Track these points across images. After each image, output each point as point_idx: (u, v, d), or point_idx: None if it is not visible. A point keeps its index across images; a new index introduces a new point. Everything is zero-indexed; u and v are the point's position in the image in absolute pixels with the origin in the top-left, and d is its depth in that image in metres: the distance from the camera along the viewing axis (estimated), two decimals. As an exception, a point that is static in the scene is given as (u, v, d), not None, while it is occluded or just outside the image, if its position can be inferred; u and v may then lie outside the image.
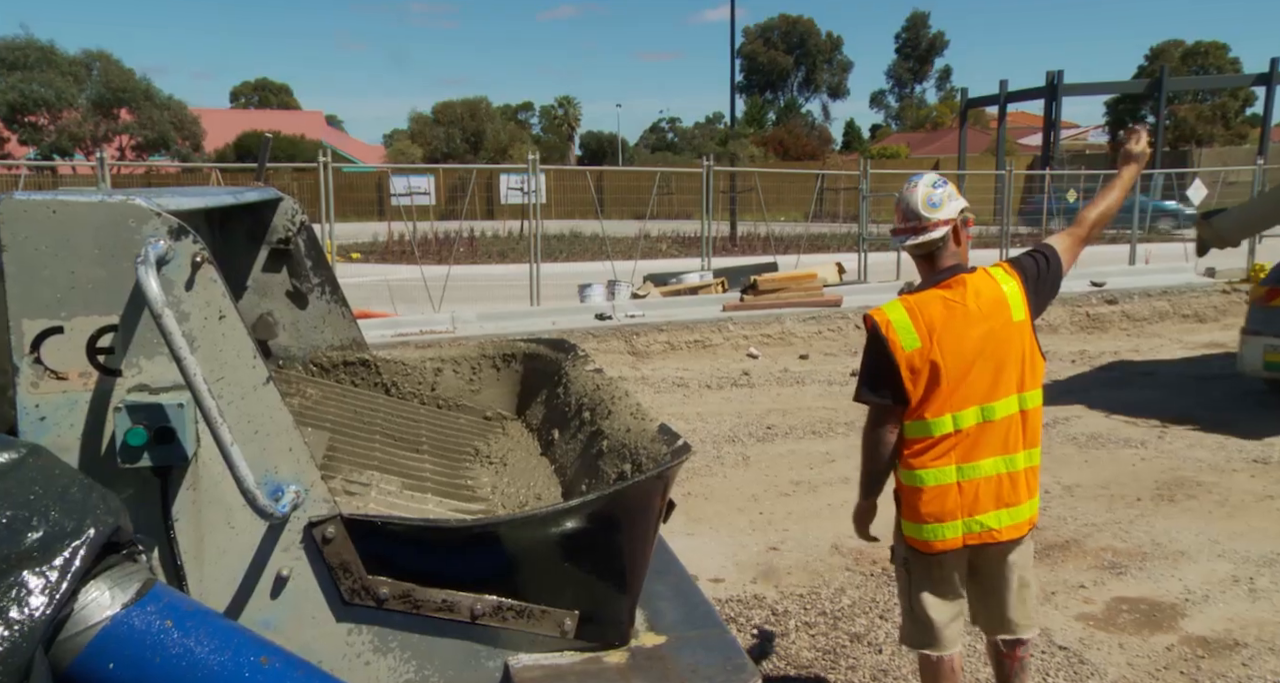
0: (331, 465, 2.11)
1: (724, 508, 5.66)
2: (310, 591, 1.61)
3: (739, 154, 37.65)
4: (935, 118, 66.55)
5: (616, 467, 1.96)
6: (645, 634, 1.76)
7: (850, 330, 11.03)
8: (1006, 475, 2.68)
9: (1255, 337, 7.62)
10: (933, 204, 2.70)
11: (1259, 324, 7.65)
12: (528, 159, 12.97)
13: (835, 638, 3.95)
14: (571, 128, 58.98)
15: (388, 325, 10.14)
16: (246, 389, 1.58)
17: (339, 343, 2.92)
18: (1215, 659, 3.74)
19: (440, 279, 12.11)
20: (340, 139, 50.85)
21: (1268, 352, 7.52)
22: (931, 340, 2.65)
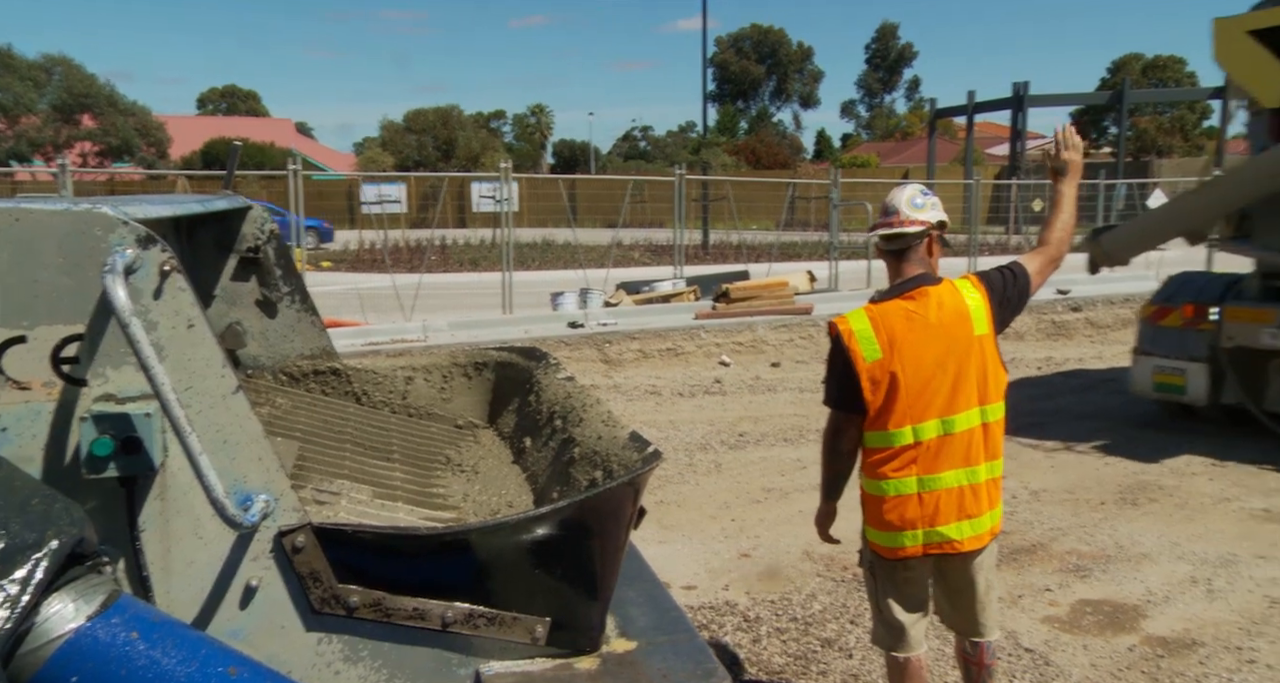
0: (302, 475, 2.10)
1: (696, 515, 5.68)
2: (280, 600, 1.60)
3: (711, 163, 37.85)
4: (905, 127, 67.38)
5: (588, 474, 1.97)
6: (616, 640, 1.77)
7: (821, 338, 11.12)
8: (968, 487, 2.70)
9: (1145, 357, 7.24)
10: (915, 204, 2.76)
11: (1149, 344, 7.27)
12: (500, 167, 12.95)
13: (806, 643, 3.98)
14: (544, 136, 59.03)
15: (358, 334, 10.07)
16: (215, 398, 1.57)
17: (309, 352, 2.91)
18: (1174, 659, 3.82)
19: (411, 287, 12.05)
20: (310, 146, 50.44)
21: (1157, 373, 7.14)
22: (892, 352, 2.68)
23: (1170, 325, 7.08)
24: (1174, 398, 7.17)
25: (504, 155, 27.87)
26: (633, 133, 70.35)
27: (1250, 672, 3.70)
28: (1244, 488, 5.90)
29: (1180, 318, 7.03)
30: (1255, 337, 6.48)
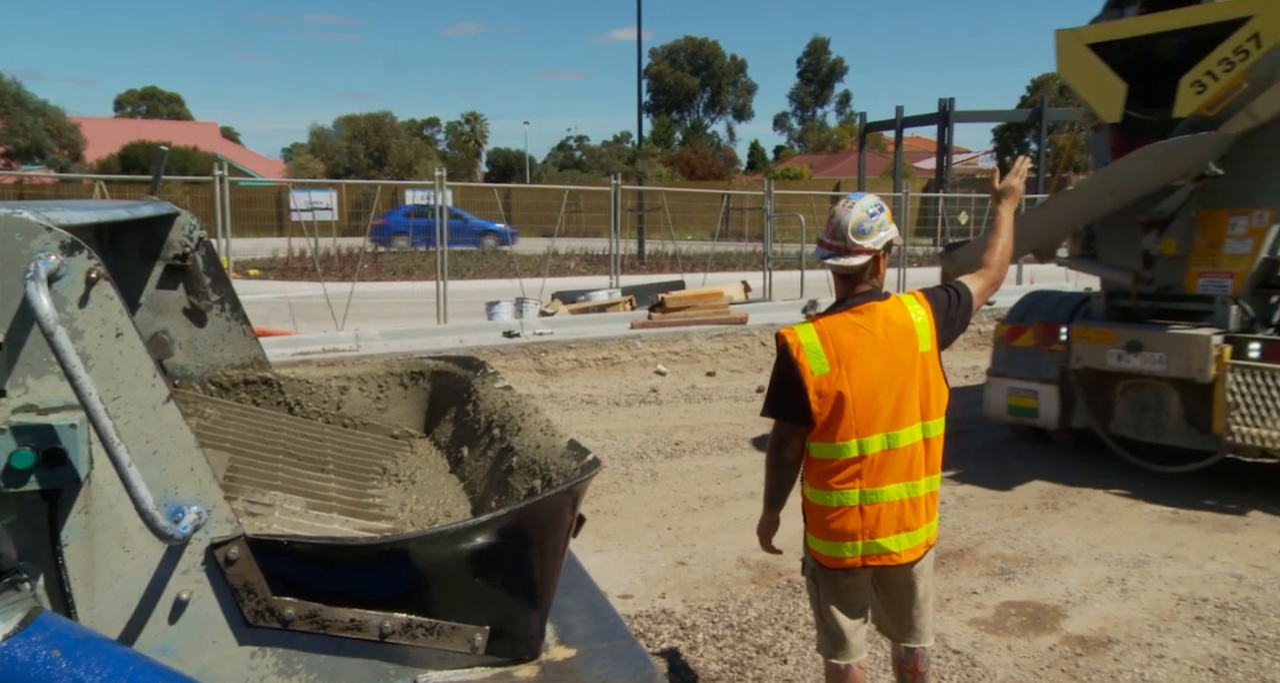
0: (232, 487, 2.06)
1: (632, 524, 5.70)
2: (211, 614, 1.57)
3: (646, 173, 38.08)
4: (836, 141, 68.83)
5: (526, 483, 1.98)
6: (555, 648, 1.78)
7: (756, 347, 11.27)
8: (909, 501, 2.75)
9: (999, 379, 6.94)
10: (862, 231, 2.72)
11: (1002, 365, 7.00)
12: (434, 175, 12.83)
13: (742, 650, 4.02)
14: (478, 144, 58.59)
15: (289, 344, 9.85)
16: (145, 408, 1.54)
17: (239, 361, 2.85)
18: (1091, 657, 3.98)
19: (343, 296, 11.83)
20: (236, 152, 49.14)
21: (1011, 395, 6.86)
22: (840, 366, 2.70)
23: (1022, 346, 6.87)
24: (1027, 421, 6.94)
25: (438, 163, 27.58)
26: (568, 142, 70.38)
27: (1159, 667, 3.87)
28: (1155, 491, 6.18)
29: (1032, 338, 6.84)
30: (1101, 358, 6.25)
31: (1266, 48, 5.42)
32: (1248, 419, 5.58)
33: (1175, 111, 5.83)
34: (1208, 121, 5.79)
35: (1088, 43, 6.25)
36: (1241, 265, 5.98)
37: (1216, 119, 5.77)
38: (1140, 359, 6.03)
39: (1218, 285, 6.07)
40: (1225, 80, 5.61)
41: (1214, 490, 6.10)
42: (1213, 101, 5.71)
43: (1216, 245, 6.13)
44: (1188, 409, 6.07)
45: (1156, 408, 6.26)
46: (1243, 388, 5.59)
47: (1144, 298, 6.31)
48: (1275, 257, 5.94)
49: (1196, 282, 6.18)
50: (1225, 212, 6.10)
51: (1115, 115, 6.18)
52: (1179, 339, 5.87)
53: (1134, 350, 6.04)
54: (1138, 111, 6.08)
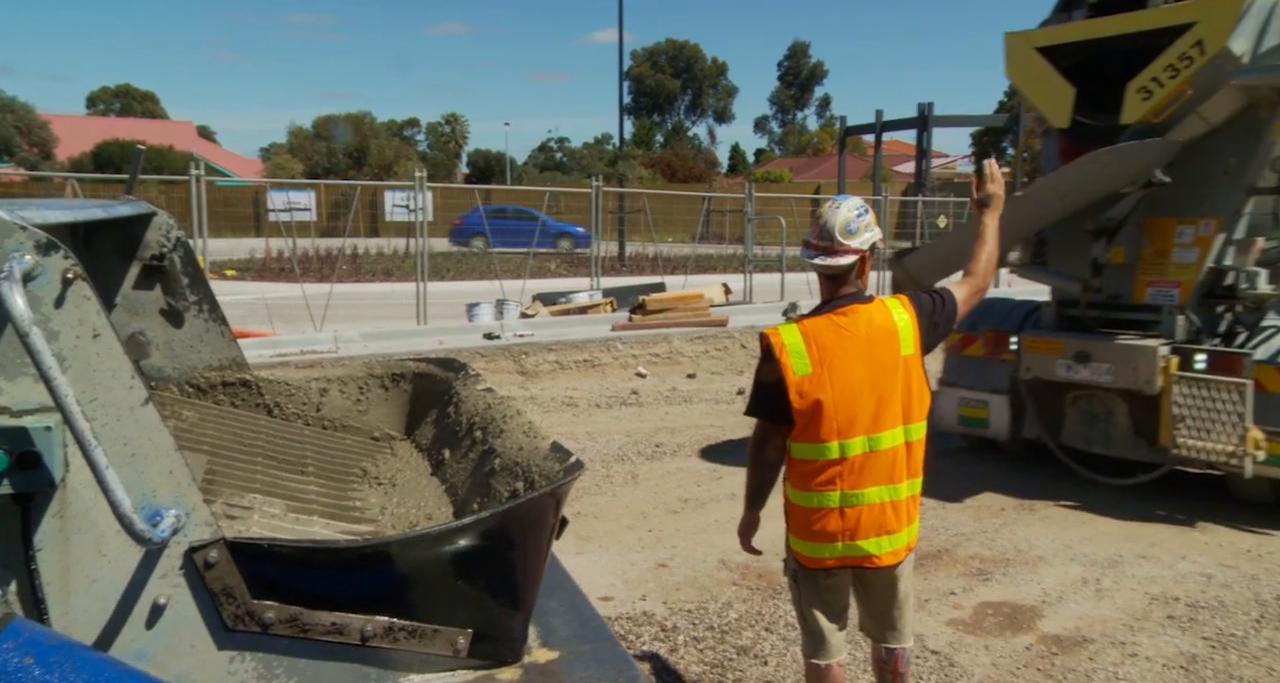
0: (211, 489, 2.04)
1: (613, 526, 5.70)
2: (190, 618, 1.55)
3: (627, 175, 38.08)
4: (816, 144, 69.16)
5: (509, 485, 1.97)
6: (538, 651, 1.77)
7: (736, 350, 11.31)
8: (890, 504, 2.76)
9: (950, 388, 6.72)
10: (849, 231, 2.74)
11: (953, 375, 6.82)
12: (414, 176, 12.77)
13: (723, 652, 4.03)
14: (459, 145, 58.37)
15: (266, 345, 9.77)
16: (123, 410, 1.52)
17: (217, 363, 2.82)
18: (1067, 656, 4.02)
19: (322, 298, 11.75)
20: (213, 151, 48.68)
21: (962, 405, 6.63)
22: (822, 367, 2.71)
23: (973, 355, 6.69)
24: (978, 431, 6.74)
25: (418, 164, 27.45)
26: (549, 144, 70.31)
27: (1132, 665, 3.92)
28: (1129, 491, 6.24)
29: (982, 347, 6.66)
30: (1050, 368, 6.12)
31: (1210, 55, 5.37)
32: (1193, 432, 5.48)
33: (1122, 118, 5.76)
34: (1154, 128, 5.72)
35: (1036, 46, 6.15)
36: (1188, 275, 5.89)
37: (1163, 126, 5.72)
38: (1089, 370, 5.93)
39: (1165, 295, 5.97)
40: (1171, 87, 5.55)
41: (1167, 501, 6.13)
42: (1159, 108, 5.65)
43: (1164, 254, 6.03)
44: (1136, 421, 5.98)
45: (1105, 419, 6.15)
46: (1189, 400, 5.49)
47: (1093, 307, 6.20)
48: (1221, 266, 5.86)
49: (1145, 291, 6.08)
50: (1172, 220, 6.01)
51: (1064, 120, 6.07)
52: (1126, 350, 5.78)
53: (1082, 361, 5.95)
54: (1086, 117, 5.99)
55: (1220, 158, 5.85)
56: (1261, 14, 5.43)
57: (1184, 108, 5.62)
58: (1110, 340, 5.90)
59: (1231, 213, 5.82)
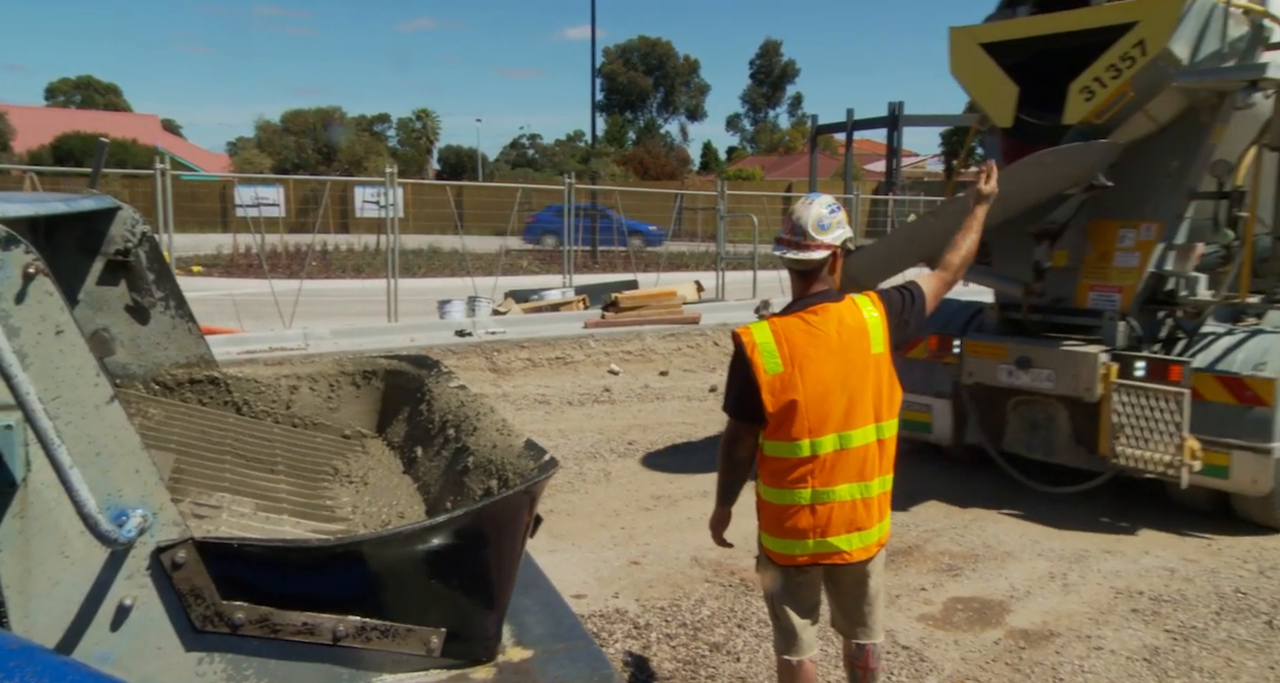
0: (178, 488, 2.01)
1: (586, 524, 5.69)
2: (156, 619, 1.52)
3: (600, 172, 38.03)
4: (788, 142, 69.43)
5: (483, 483, 1.96)
6: (512, 649, 1.77)
7: (709, 347, 11.33)
8: (861, 501, 2.78)
9: None
10: (822, 226, 2.76)
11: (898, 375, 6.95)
12: (385, 172, 12.66)
13: (695, 648, 4.04)
14: (430, 141, 57.93)
15: (234, 342, 9.64)
16: (87, 408, 1.49)
17: (184, 360, 2.77)
18: (1034, 650, 4.08)
19: (291, 294, 11.61)
20: (178, 145, 47.86)
21: (905, 410, 6.41)
22: (793, 366, 2.73)
23: (917, 358, 6.43)
24: (920, 436, 6.55)
25: (388, 160, 27.21)
26: (521, 140, 69.97)
27: (1098, 658, 3.99)
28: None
29: (926, 350, 6.44)
30: (992, 373, 5.94)
31: (1151, 56, 5.25)
32: (1132, 441, 5.34)
33: (1065, 118, 5.63)
34: (1097, 129, 5.59)
35: (980, 42, 5.98)
36: (1130, 280, 5.74)
37: (1105, 127, 5.59)
38: (1030, 376, 5.78)
39: (1107, 300, 5.80)
40: (1113, 87, 5.42)
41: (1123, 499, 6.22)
42: (1101, 108, 5.52)
43: (1106, 258, 5.88)
44: (1077, 428, 5.84)
45: (1047, 426, 6.00)
46: (1128, 408, 5.34)
47: (1035, 311, 6.05)
48: (1162, 271, 5.70)
49: (1087, 295, 5.91)
50: (1114, 223, 5.87)
51: (1007, 120, 5.91)
52: (1067, 356, 5.63)
53: (1024, 367, 5.80)
54: (1030, 116, 5.84)
55: (1162, 161, 5.74)
56: (1202, 15, 5.34)
57: (1126, 109, 5.53)
58: (1051, 346, 5.75)
59: (1172, 217, 5.69)
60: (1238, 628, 4.27)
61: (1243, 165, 5.57)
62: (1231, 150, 5.58)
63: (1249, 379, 5.25)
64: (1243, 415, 5.25)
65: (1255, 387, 5.23)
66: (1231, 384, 5.30)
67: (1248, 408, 5.24)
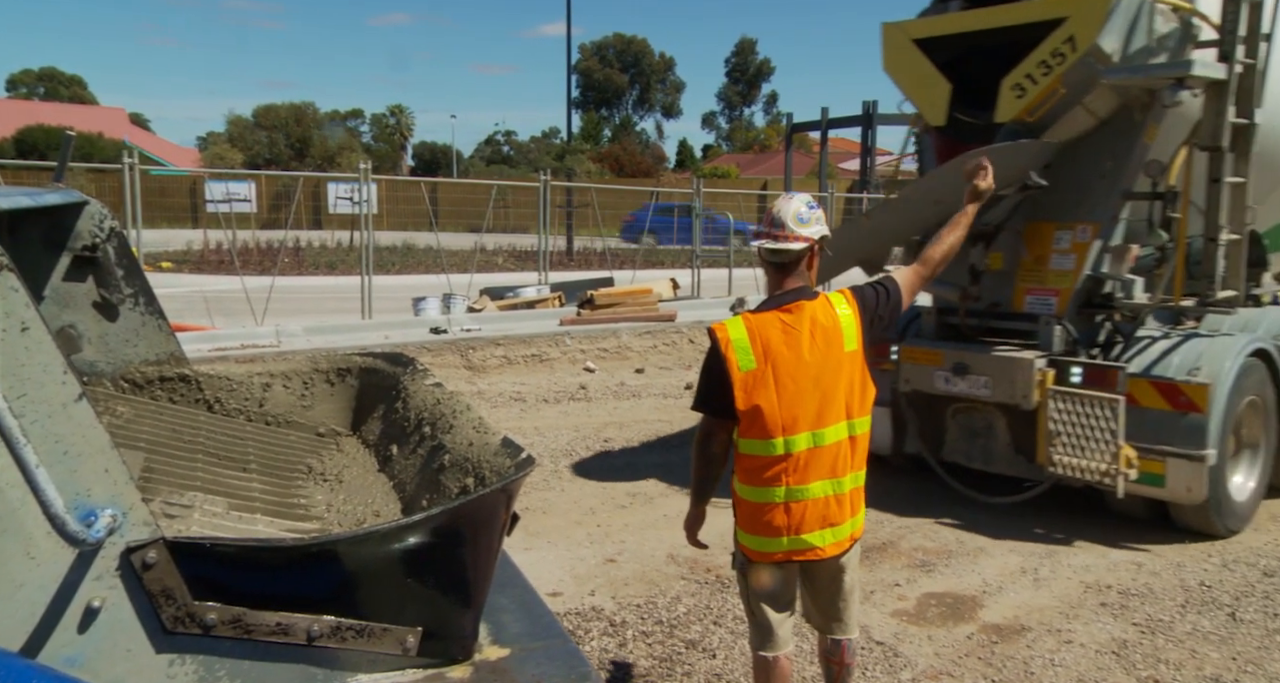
0: (149, 488, 1.98)
1: (561, 522, 5.68)
2: (126, 621, 1.49)
3: (575, 169, 37.95)
4: (763, 140, 69.65)
5: (459, 481, 1.95)
6: (489, 648, 1.76)
7: (684, 345, 11.35)
8: (833, 497, 2.80)
9: None
10: (801, 219, 2.80)
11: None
12: (358, 168, 12.54)
13: (671, 646, 4.05)
14: (404, 137, 57.50)
15: (204, 339, 9.51)
16: (54, 407, 1.46)
17: (154, 357, 2.73)
18: (1006, 644, 4.12)
19: (263, 291, 11.47)
20: (147, 139, 47.12)
21: None
22: (767, 363, 2.74)
23: None
24: None
25: (362, 156, 27.00)
26: (496, 137, 69.68)
27: (1068, 652, 4.04)
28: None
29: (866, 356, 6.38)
30: (929, 380, 5.73)
31: (1081, 51, 5.11)
32: (1069, 449, 5.15)
33: (997, 116, 5.48)
34: (1030, 127, 5.46)
35: (913, 38, 5.82)
36: (1066, 282, 5.56)
37: (1038, 125, 5.46)
38: (966, 383, 5.57)
39: (1044, 304, 5.62)
40: (1044, 84, 5.27)
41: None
42: (1033, 106, 5.37)
43: (1042, 261, 5.71)
44: (1015, 437, 5.65)
45: (986, 434, 5.79)
46: (1063, 416, 5.16)
47: (972, 315, 5.89)
48: (1099, 274, 5.53)
49: (1024, 299, 5.72)
50: (1051, 225, 5.70)
51: (940, 118, 5.74)
52: (1003, 362, 5.42)
53: (960, 373, 5.59)
54: (964, 114, 5.68)
55: (1097, 161, 5.60)
56: (1130, 11, 5.22)
57: (1058, 107, 5.38)
58: (987, 352, 5.54)
59: (1108, 219, 5.53)
60: (1202, 620, 4.34)
61: (1175, 165, 5.43)
62: (1165, 150, 5.45)
63: (1183, 385, 5.12)
64: (1177, 422, 5.11)
65: (1189, 392, 5.10)
66: (1166, 390, 5.17)
67: (1182, 414, 5.11)
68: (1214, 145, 5.18)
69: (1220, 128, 5.13)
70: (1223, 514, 5.30)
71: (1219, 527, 5.32)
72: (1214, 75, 5.08)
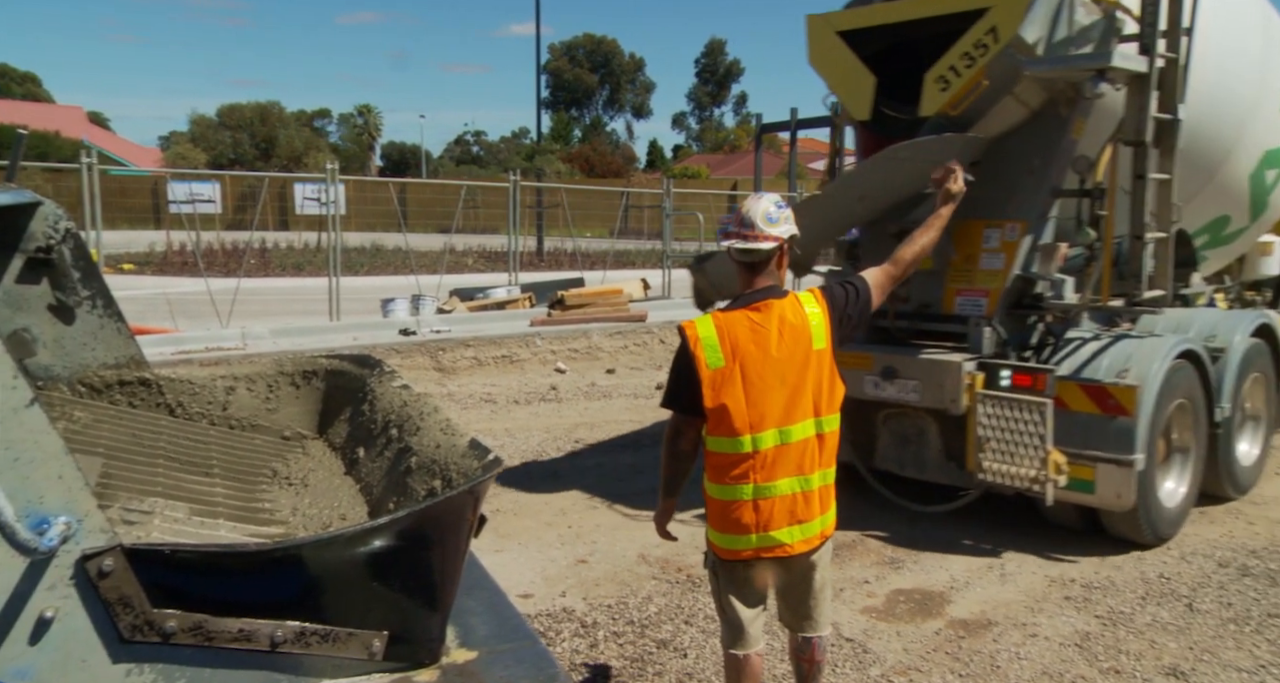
0: (107, 494, 1.93)
1: (533, 523, 5.66)
2: (81, 631, 1.46)
3: (545, 169, 37.85)
4: (733, 141, 69.95)
5: (426, 483, 1.93)
6: (456, 651, 1.74)
7: (655, 345, 11.36)
8: (801, 494, 2.82)
9: None
10: (770, 219, 2.83)
11: None
12: (326, 168, 12.41)
13: (643, 646, 4.05)
14: (372, 137, 57.02)
15: (168, 342, 9.36)
16: (5, 412, 1.42)
17: (113, 361, 2.68)
18: (973, 639, 4.17)
19: (228, 293, 11.32)
20: (107, 139, 46.29)
21: None
22: (735, 361, 2.76)
23: None
24: None
25: (329, 156, 26.72)
26: (465, 137, 69.34)
27: (1033, 645, 4.10)
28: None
29: None
30: (859, 385, 5.38)
31: (1003, 42, 4.96)
32: (998, 455, 4.95)
33: (921, 110, 5.31)
34: (954, 122, 5.25)
35: (838, 30, 5.64)
36: (995, 283, 5.35)
37: (963, 119, 5.25)
38: (895, 387, 5.35)
39: (974, 305, 5.41)
40: (967, 76, 5.10)
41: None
42: (957, 99, 5.19)
43: (972, 260, 5.51)
44: (946, 442, 5.41)
45: (917, 441, 5.55)
46: (992, 421, 4.95)
47: (901, 317, 5.71)
48: (1029, 274, 5.34)
49: (954, 300, 5.49)
50: (980, 223, 5.48)
51: (864, 112, 5.57)
52: (931, 366, 5.19)
53: (889, 378, 5.36)
54: (889, 108, 5.52)
55: (1025, 157, 5.37)
56: (1053, 2, 5.08)
57: (982, 100, 5.18)
58: (916, 355, 5.30)
59: (1037, 216, 5.34)
60: (1161, 612, 4.42)
61: (1102, 162, 5.29)
62: (1092, 146, 5.31)
63: (1111, 387, 4.93)
64: (1106, 426, 4.92)
65: (1118, 395, 4.91)
66: (1095, 392, 4.99)
67: (1111, 418, 4.91)
68: (1138, 140, 5.04)
69: (1143, 122, 4.99)
70: (1152, 521, 5.13)
71: (1147, 534, 5.15)
72: (1135, 68, 4.92)
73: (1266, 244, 7.58)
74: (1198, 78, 5.34)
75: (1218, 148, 5.98)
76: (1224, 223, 6.59)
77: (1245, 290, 7.79)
